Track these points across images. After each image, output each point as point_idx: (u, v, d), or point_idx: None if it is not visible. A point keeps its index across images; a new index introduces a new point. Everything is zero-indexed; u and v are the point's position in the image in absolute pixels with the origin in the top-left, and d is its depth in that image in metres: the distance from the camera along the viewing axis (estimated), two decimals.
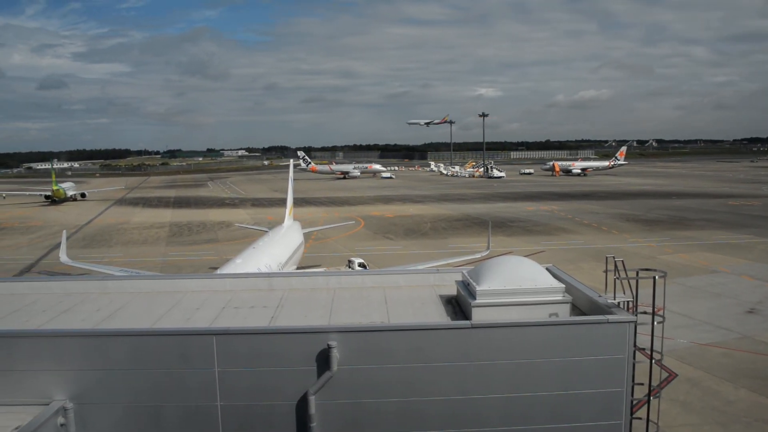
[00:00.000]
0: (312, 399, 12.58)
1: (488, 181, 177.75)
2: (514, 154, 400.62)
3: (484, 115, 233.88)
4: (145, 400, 13.05)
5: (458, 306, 15.56)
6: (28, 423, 12.22)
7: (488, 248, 41.64)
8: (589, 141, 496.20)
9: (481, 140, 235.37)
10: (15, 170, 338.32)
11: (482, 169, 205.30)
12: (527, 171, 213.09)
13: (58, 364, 13.04)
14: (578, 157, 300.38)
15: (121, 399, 13.07)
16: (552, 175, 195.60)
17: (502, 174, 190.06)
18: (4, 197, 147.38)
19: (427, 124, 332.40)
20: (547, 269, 15.57)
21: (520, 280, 14.11)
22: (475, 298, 13.94)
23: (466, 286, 14.96)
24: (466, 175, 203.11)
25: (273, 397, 12.87)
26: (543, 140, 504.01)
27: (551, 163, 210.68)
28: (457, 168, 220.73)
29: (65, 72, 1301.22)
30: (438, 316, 15.17)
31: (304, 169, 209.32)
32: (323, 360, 12.53)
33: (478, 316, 13.73)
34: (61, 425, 12.83)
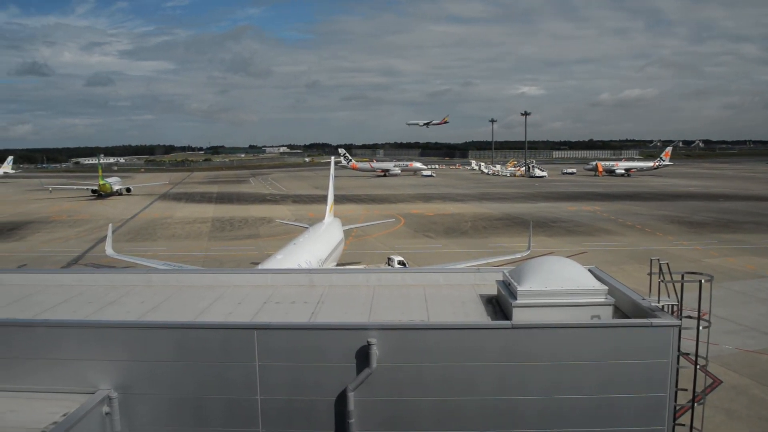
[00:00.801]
0: (351, 395, 12.63)
1: (530, 181, 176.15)
2: (556, 154, 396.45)
3: (526, 114, 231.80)
4: (187, 392, 13.26)
5: (498, 306, 15.46)
6: (75, 411, 12.54)
7: (529, 248, 41.24)
8: (633, 141, 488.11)
9: (523, 139, 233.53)
10: (63, 165, 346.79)
11: (524, 168, 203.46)
12: (570, 171, 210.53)
13: (103, 354, 13.33)
14: (622, 157, 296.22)
15: (164, 390, 13.30)
16: (595, 175, 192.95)
17: (544, 173, 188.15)
18: (50, 191, 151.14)
19: (426, 124, 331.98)
20: (589, 270, 15.36)
21: (561, 281, 13.94)
22: (516, 299, 13.83)
23: (506, 286, 14.85)
24: (508, 174, 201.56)
25: (312, 392, 12.95)
26: (586, 139, 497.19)
27: (594, 162, 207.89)
28: (498, 167, 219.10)
29: (112, 69, 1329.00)
30: (478, 315, 15.10)
31: (344, 167, 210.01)
32: (363, 357, 12.57)
33: (519, 316, 13.62)
34: (106, 414, 13.11)
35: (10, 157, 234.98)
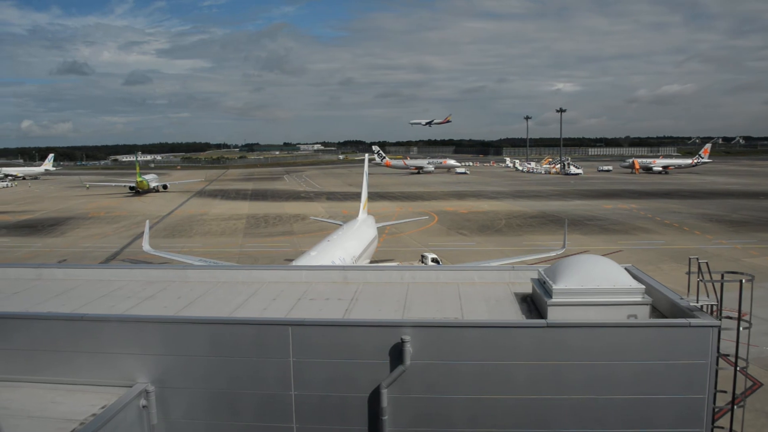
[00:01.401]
0: (384, 392, 12.64)
1: (565, 178, 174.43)
2: (592, 151, 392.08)
3: (561, 111, 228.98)
4: (222, 387, 13.40)
5: (533, 304, 15.35)
6: (113, 403, 12.79)
7: (564, 246, 40.81)
8: (671, 138, 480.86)
9: (558, 136, 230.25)
10: (102, 162, 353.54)
11: (559, 165, 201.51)
12: (606, 168, 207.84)
13: (141, 349, 13.55)
14: (659, 154, 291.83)
15: (199, 384, 13.47)
16: (631, 172, 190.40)
17: (580, 171, 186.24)
18: (88, 187, 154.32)
19: (429, 123, 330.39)
20: (626, 269, 15.16)
21: (597, 280, 13.79)
22: (551, 297, 13.72)
23: (542, 284, 14.74)
24: (542, 172, 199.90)
25: (346, 388, 13.00)
26: (623, 136, 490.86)
27: (631, 160, 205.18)
28: (532, 164, 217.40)
29: (149, 68, 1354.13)
30: (513, 314, 15.00)
31: (378, 164, 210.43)
32: (396, 354, 12.57)
33: (554, 315, 13.52)
34: (143, 407, 13.34)
35: (51, 155, 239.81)
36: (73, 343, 13.85)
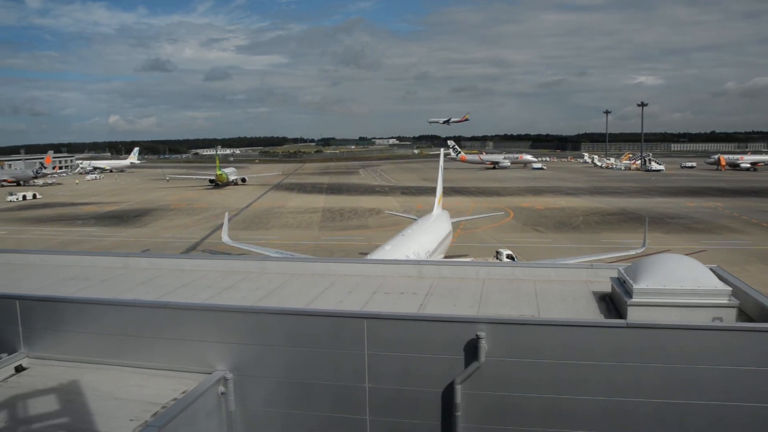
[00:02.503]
0: (458, 388, 12.57)
1: (646, 175, 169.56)
2: (674, 146, 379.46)
3: (643, 105, 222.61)
4: (298, 377, 13.62)
5: (612, 304, 14.98)
6: (193, 389, 13.21)
7: (644, 245, 39.72)
8: (761, 133, 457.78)
9: (639, 131, 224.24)
10: (183, 156, 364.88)
11: (639, 161, 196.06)
12: (689, 164, 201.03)
13: (220, 337, 13.92)
14: (748, 150, 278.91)
15: (276, 374, 13.72)
16: (717, 169, 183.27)
17: (661, 167, 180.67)
18: (168, 180, 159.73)
19: (446, 122, 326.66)
20: (711, 270, 14.60)
21: (681, 280, 13.32)
22: (631, 297, 13.35)
23: (621, 283, 14.36)
24: (622, 168, 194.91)
25: (419, 383, 12.99)
26: (708, 131, 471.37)
27: (717, 156, 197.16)
28: (612, 160, 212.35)
29: (229, 64, 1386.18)
30: (591, 313, 14.68)
31: (453, 159, 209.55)
32: (471, 350, 12.49)
33: (634, 315, 13.14)
34: (222, 394, 13.71)
35: (137, 149, 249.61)
36: (156, 330, 14.38)
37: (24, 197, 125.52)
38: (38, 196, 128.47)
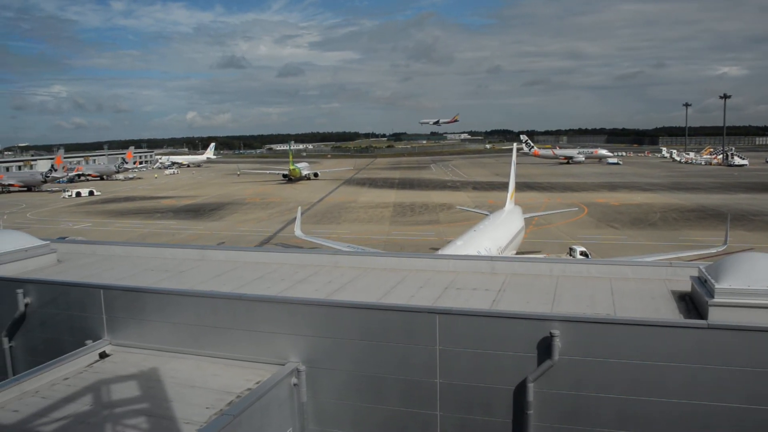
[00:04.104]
0: (531, 386, 12.41)
1: (728, 170, 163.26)
2: (759, 140, 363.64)
3: (725, 96, 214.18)
4: (369, 370, 13.71)
5: (692, 304, 14.50)
6: (267, 380, 13.50)
7: (725, 243, 38.22)
8: None
9: (721, 124, 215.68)
10: (258, 151, 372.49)
11: (721, 156, 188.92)
12: None
13: (293, 329, 14.16)
14: None
15: (347, 366, 13.85)
16: None
17: (745, 162, 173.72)
18: (238, 174, 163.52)
19: (436, 122, 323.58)
20: None
21: (766, 280, 12.80)
22: (712, 297, 12.89)
23: (702, 282, 13.88)
24: (702, 163, 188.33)
25: (491, 380, 12.89)
26: None
27: None
28: (692, 155, 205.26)
29: (302, 60, 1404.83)
30: (669, 312, 14.24)
31: (526, 153, 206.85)
32: (544, 348, 12.31)
33: (716, 316, 12.69)
34: (294, 385, 13.94)
35: (213, 144, 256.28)
36: (232, 321, 14.73)
37: (78, 194, 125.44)
38: (96, 193, 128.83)
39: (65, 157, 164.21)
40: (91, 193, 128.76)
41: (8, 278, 18.08)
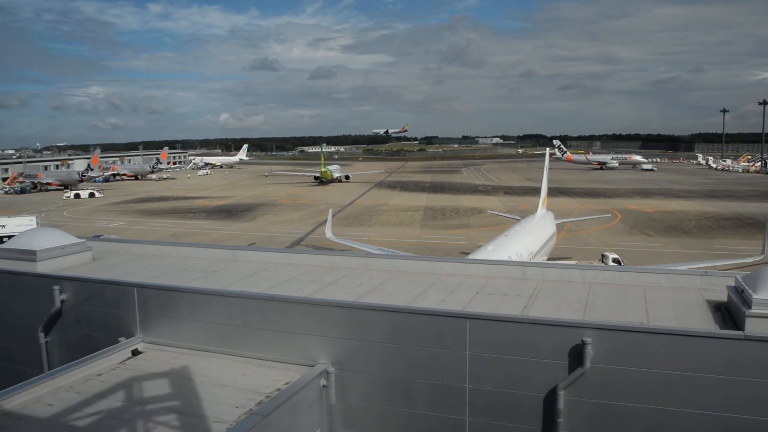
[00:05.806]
0: (561, 394, 12.31)
1: (766, 177, 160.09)
2: None
3: (764, 103, 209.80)
4: (398, 373, 13.72)
5: (728, 314, 14.23)
6: (297, 380, 13.59)
7: (763, 252, 37.39)
8: None
9: (759, 131, 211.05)
10: (290, 153, 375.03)
11: (759, 163, 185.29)
12: None
13: (323, 331, 14.23)
14: None
15: (376, 369, 13.88)
16: None
17: None
18: (267, 176, 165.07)
19: (386, 132, 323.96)
20: None
21: None
22: (750, 307, 12.62)
23: (739, 292, 13.61)
24: (740, 170, 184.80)
25: (521, 386, 12.81)
26: None
27: None
28: (728, 162, 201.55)
29: (334, 63, 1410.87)
30: (704, 322, 14.00)
31: (559, 159, 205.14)
32: (576, 355, 12.19)
33: (753, 327, 12.41)
34: (323, 386, 14.02)
35: (245, 145, 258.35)
36: (262, 322, 14.85)
37: (77, 195, 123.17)
38: (97, 195, 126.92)
39: (101, 157, 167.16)
40: (91, 195, 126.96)
41: (46, 275, 18.48)
